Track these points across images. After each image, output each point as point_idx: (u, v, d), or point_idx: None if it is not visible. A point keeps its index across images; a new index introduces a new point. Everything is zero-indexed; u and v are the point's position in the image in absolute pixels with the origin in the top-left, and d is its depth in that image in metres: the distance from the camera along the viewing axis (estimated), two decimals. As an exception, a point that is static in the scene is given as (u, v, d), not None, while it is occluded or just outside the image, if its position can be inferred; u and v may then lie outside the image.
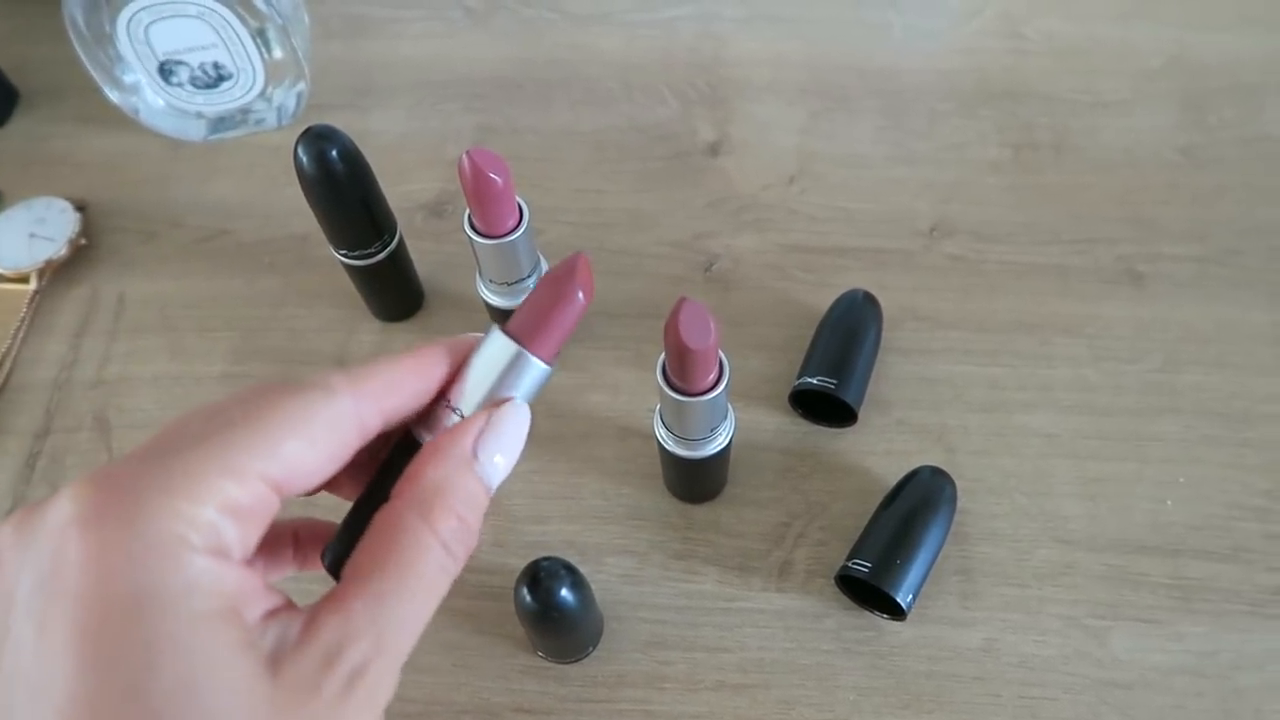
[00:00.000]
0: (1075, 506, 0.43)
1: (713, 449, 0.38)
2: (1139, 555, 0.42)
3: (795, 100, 0.58)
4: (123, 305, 0.51)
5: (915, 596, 0.38)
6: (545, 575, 0.34)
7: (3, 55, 0.61)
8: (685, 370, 0.33)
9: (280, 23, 0.52)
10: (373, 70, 0.61)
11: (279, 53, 0.54)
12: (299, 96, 0.57)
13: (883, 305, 0.47)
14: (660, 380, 0.34)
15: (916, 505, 0.40)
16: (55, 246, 0.51)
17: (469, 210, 0.39)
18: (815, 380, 0.43)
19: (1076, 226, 0.52)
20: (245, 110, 0.57)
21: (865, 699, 0.39)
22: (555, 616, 0.35)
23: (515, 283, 0.42)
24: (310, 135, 0.39)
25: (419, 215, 0.54)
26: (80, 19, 0.51)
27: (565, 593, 0.34)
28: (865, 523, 0.41)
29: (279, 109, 0.57)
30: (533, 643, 0.39)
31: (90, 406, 0.48)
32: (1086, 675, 0.39)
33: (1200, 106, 0.57)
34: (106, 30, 0.52)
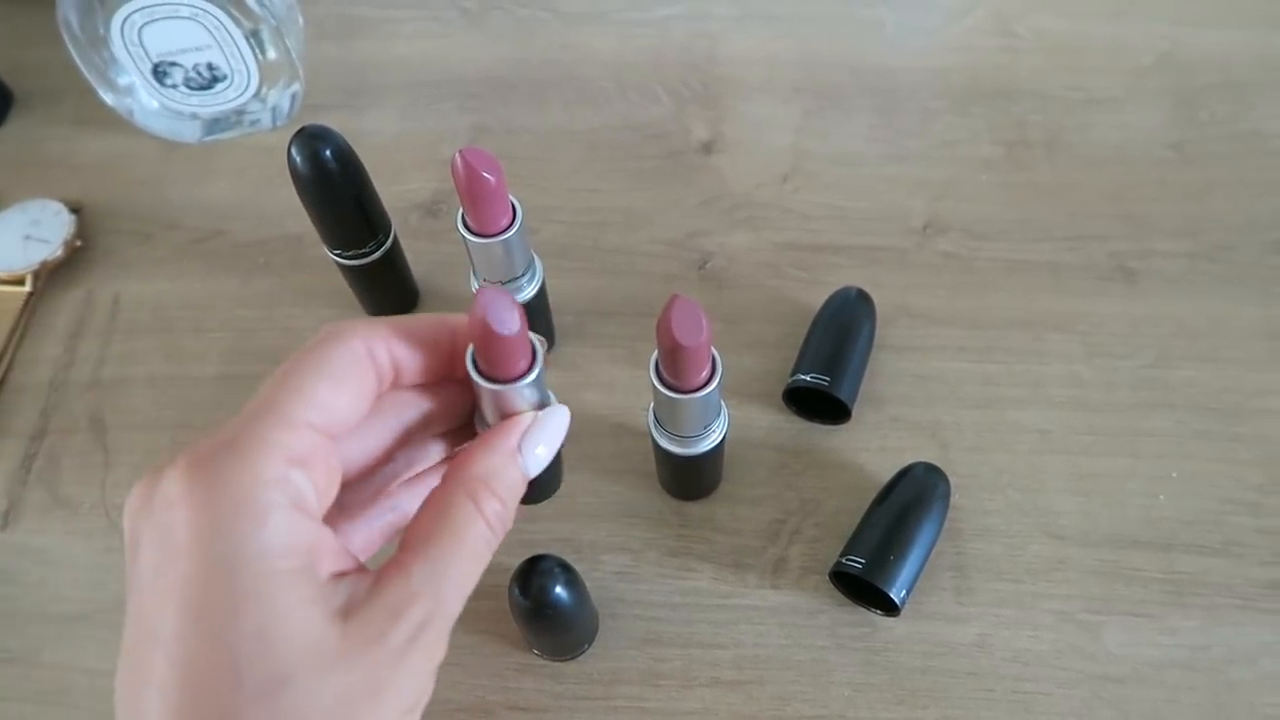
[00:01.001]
0: (1068, 502, 0.43)
1: (706, 446, 0.38)
2: (1132, 550, 0.42)
3: (788, 99, 0.59)
4: (118, 306, 0.51)
5: (909, 592, 0.39)
6: (540, 573, 0.34)
7: (-3, 58, 0.61)
8: (678, 367, 0.33)
9: (274, 24, 0.52)
10: (367, 70, 0.61)
11: (273, 54, 0.54)
12: (293, 97, 0.57)
13: (876, 302, 0.47)
14: (653, 377, 0.34)
15: (910, 502, 0.40)
16: (50, 248, 0.51)
17: (462, 209, 0.39)
18: (809, 377, 0.44)
19: (1069, 223, 0.52)
20: (240, 111, 0.57)
21: (860, 694, 0.39)
22: (550, 614, 0.35)
23: (509, 282, 0.42)
24: (304, 135, 0.39)
25: (413, 215, 0.54)
26: (74, 21, 0.51)
27: (560, 590, 0.34)
28: (859, 519, 0.42)
29: (273, 110, 0.57)
30: (528, 640, 0.39)
31: (86, 408, 0.48)
32: (1079, 670, 0.39)
33: (1191, 103, 0.57)
34: (100, 32, 0.52)
